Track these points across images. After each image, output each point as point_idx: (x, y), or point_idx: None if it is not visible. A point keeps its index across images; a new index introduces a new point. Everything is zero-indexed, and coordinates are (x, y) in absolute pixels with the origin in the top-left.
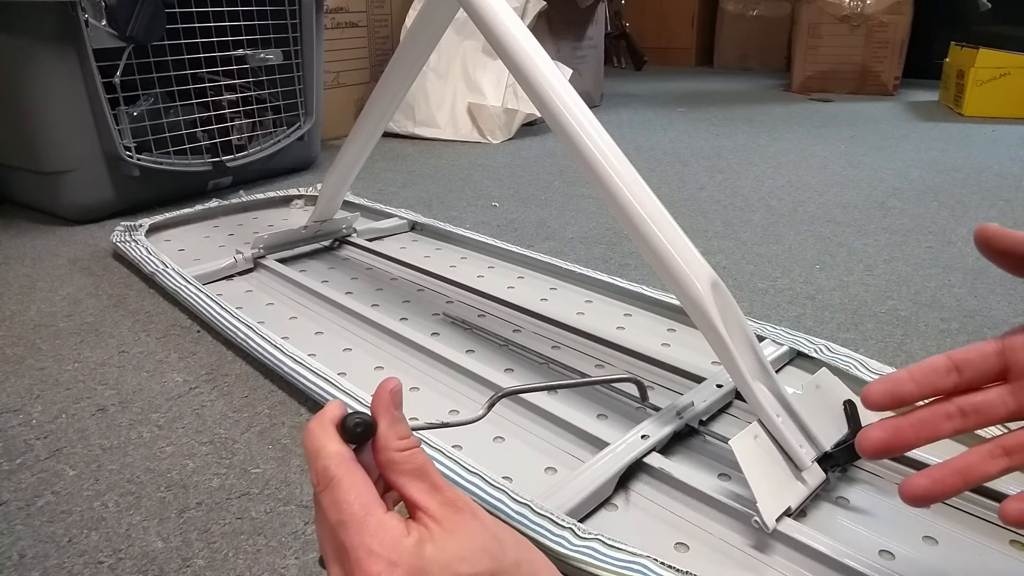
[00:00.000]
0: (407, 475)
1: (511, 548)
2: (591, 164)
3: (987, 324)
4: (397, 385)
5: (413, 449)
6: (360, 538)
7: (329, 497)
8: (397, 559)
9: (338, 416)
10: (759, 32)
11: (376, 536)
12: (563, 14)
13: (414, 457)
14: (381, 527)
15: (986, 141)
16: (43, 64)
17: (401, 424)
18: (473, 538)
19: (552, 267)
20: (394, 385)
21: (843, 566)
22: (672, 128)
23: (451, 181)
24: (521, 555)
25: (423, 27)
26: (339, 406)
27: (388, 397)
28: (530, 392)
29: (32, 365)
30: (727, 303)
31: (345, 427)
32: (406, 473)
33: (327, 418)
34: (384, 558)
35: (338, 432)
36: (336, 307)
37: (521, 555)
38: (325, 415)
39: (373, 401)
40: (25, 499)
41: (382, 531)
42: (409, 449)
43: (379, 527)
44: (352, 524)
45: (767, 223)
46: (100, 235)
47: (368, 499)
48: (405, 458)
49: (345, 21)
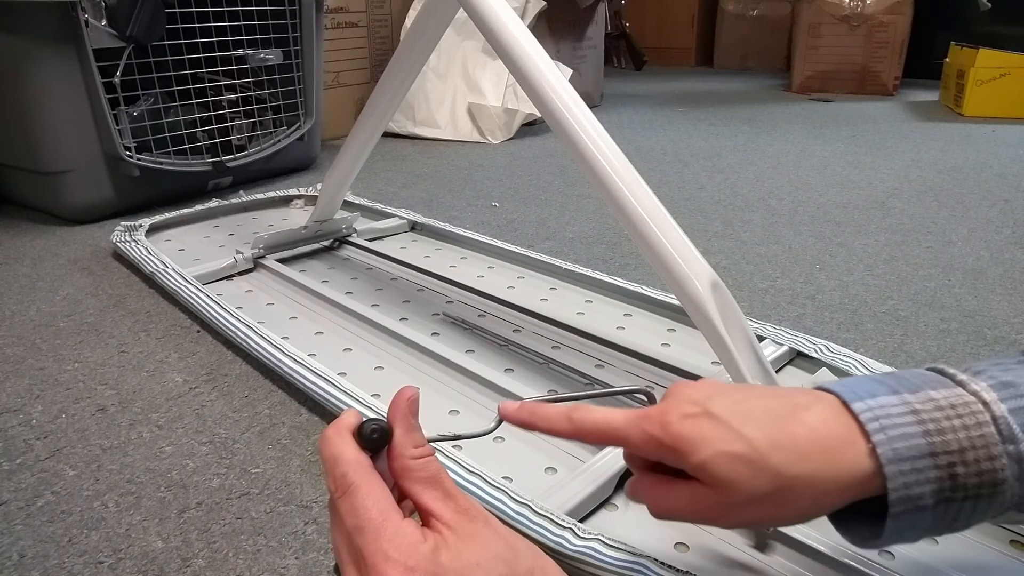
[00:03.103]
0: (421, 483)
1: (524, 556)
2: (591, 164)
3: (987, 324)
4: (415, 394)
5: (428, 457)
6: (377, 544)
7: (347, 503)
8: (414, 565)
9: (354, 423)
10: (759, 32)
11: (393, 542)
12: (563, 14)
13: (428, 465)
14: (398, 533)
15: (986, 141)
16: (43, 64)
17: (416, 432)
18: (487, 546)
19: (552, 267)
20: (411, 394)
21: (843, 566)
22: (672, 128)
23: (451, 181)
24: (534, 563)
25: (423, 27)
26: (355, 414)
27: (405, 405)
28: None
29: (32, 365)
30: (727, 303)
31: (362, 434)
32: (420, 481)
33: (344, 425)
34: (401, 564)
35: (355, 439)
36: (336, 307)
37: (534, 563)
38: (342, 422)
39: (390, 409)
40: (25, 499)
41: (399, 537)
42: (424, 457)
43: (396, 533)
44: (369, 530)
45: (767, 223)
46: (100, 235)
47: (386, 505)
48: (420, 466)
49: (345, 21)
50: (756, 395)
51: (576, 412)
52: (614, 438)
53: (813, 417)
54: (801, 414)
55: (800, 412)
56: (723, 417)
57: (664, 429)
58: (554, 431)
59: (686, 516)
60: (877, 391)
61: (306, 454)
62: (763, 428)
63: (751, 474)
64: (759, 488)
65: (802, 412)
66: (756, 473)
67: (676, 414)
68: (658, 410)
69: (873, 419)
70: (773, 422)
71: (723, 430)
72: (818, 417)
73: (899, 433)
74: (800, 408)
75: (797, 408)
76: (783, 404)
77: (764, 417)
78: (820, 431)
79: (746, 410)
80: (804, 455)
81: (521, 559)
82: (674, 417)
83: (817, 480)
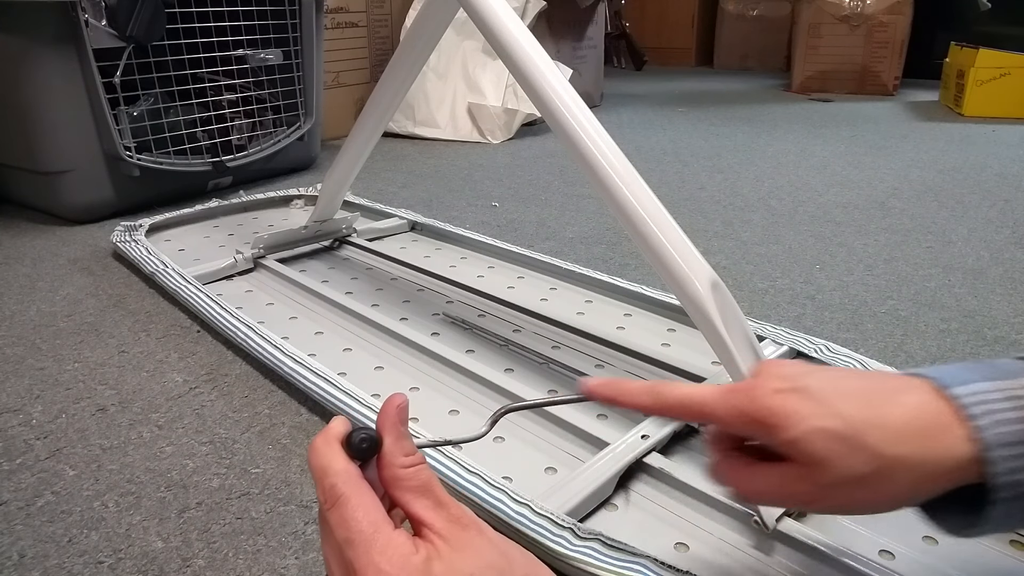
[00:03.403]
0: (412, 491)
1: (519, 564)
2: (591, 164)
3: (987, 324)
4: (404, 401)
5: (418, 466)
6: (368, 556)
7: (337, 515)
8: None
9: (343, 432)
10: (759, 32)
11: (384, 554)
12: (563, 14)
13: (419, 474)
14: (389, 545)
15: (986, 141)
16: (43, 64)
17: (406, 440)
18: (480, 555)
19: (552, 267)
20: (401, 401)
21: (843, 566)
22: (672, 128)
23: (451, 181)
24: (529, 570)
25: (423, 27)
26: (343, 422)
27: (395, 413)
28: (533, 408)
29: (32, 365)
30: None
31: (351, 443)
32: (411, 490)
33: (332, 435)
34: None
35: (343, 448)
36: (336, 307)
37: (529, 570)
38: (330, 432)
39: (379, 417)
40: (25, 499)
41: (390, 549)
42: (414, 466)
43: (387, 545)
44: (360, 542)
45: (767, 223)
46: (100, 235)
47: (376, 517)
48: (410, 475)
49: (345, 21)
50: (849, 375)
51: (660, 386)
52: (700, 413)
53: (910, 399)
54: (898, 396)
55: (896, 394)
56: (817, 393)
57: (755, 402)
58: (638, 405)
59: (776, 499)
60: (970, 378)
61: (306, 454)
62: (859, 406)
63: (847, 452)
64: (855, 468)
65: (899, 394)
66: (852, 451)
67: (767, 388)
68: (748, 384)
69: (976, 403)
70: (868, 402)
71: (817, 406)
72: (915, 400)
73: (1002, 418)
74: (896, 391)
75: (893, 391)
76: (878, 386)
77: (859, 396)
78: (917, 414)
79: (841, 388)
80: (902, 437)
81: (515, 567)
82: (766, 391)
83: (915, 463)
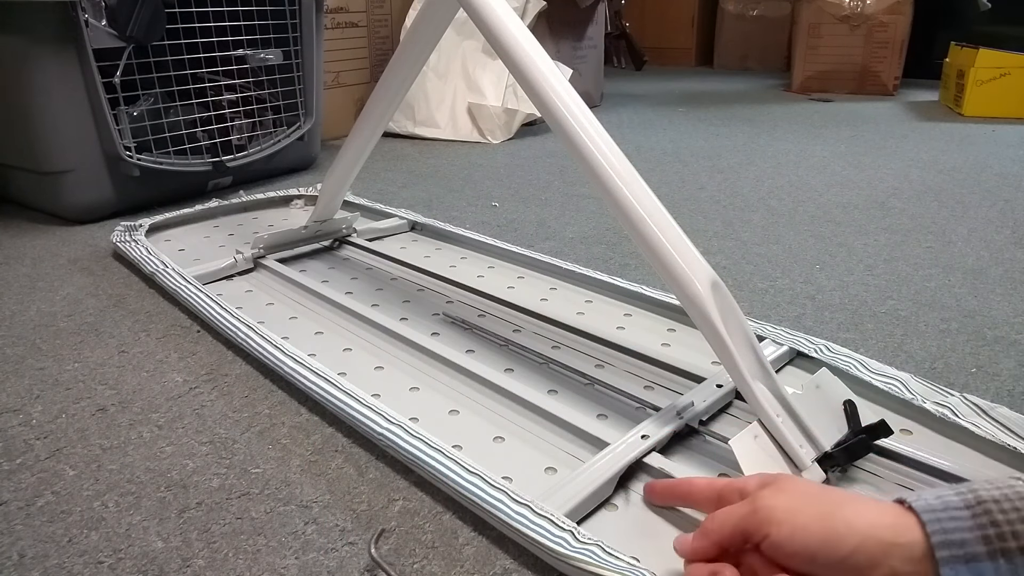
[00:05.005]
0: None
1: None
2: (591, 164)
3: (987, 324)
4: None
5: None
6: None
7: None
8: None
9: None
10: (759, 32)
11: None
12: (563, 14)
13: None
14: None
15: (986, 141)
16: (43, 64)
17: None
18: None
19: (552, 267)
20: None
21: None
22: (672, 128)
23: (451, 181)
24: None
25: (423, 27)
26: None
27: None
28: None
29: (32, 365)
30: (727, 303)
31: None
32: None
33: None
34: None
35: None
36: (336, 307)
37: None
38: None
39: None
40: (25, 499)
41: None
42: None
43: None
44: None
45: (767, 223)
46: (100, 235)
47: None
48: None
49: (345, 21)
50: None
51: None
52: None
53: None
54: None
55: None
56: None
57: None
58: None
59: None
60: None
61: (306, 454)
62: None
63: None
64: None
65: None
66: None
67: None
68: None
69: None
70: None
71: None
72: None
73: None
74: None
75: None
76: None
77: None
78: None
79: None
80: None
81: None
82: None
83: None
